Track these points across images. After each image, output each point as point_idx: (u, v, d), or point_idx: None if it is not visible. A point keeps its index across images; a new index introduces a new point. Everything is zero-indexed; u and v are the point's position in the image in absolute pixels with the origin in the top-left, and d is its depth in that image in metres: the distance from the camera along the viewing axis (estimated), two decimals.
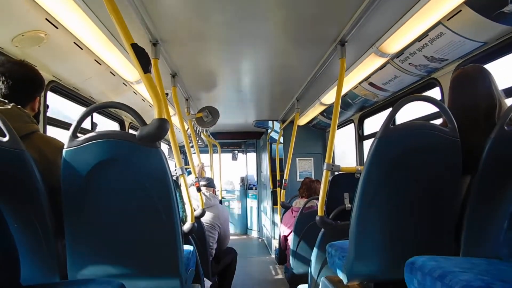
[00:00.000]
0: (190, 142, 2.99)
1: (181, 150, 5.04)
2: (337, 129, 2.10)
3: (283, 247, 3.01)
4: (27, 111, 1.18)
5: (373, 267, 1.29)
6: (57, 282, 1.07)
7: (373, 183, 1.22)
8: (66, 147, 1.09)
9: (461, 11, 1.46)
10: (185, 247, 1.56)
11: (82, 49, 1.80)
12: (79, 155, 1.09)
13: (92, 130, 2.59)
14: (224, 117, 3.66)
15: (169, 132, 1.66)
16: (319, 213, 1.78)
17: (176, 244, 1.18)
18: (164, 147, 5.03)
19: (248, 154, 7.13)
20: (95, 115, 2.65)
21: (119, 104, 1.18)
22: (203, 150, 5.44)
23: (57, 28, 1.56)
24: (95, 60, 1.98)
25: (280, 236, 3.10)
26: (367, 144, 3.42)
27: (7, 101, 1.14)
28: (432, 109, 2.07)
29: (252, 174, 6.95)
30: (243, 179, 7.05)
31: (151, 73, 1.35)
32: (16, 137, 0.99)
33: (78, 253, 1.14)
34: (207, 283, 2.21)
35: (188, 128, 3.23)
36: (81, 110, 2.00)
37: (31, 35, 1.51)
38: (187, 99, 3.17)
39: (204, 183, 2.82)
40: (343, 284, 1.42)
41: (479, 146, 1.16)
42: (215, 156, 5.74)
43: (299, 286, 2.35)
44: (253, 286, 3.68)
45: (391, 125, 1.21)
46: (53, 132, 2.10)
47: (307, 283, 2.03)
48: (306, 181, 3.04)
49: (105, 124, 3.00)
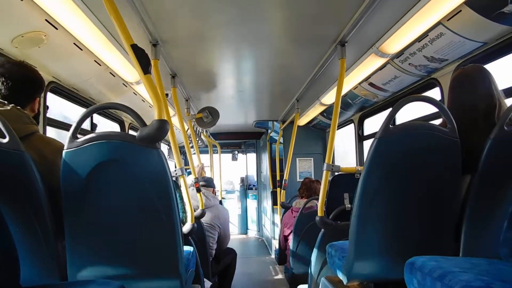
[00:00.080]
0: (190, 143, 2.99)
1: (181, 151, 5.04)
2: (337, 129, 2.10)
3: (283, 247, 3.01)
4: (26, 112, 1.18)
5: (373, 268, 1.29)
6: (57, 283, 1.07)
7: (373, 183, 1.22)
8: (66, 148, 1.09)
9: (461, 11, 1.46)
10: (185, 247, 1.56)
11: (82, 49, 1.80)
12: (79, 156, 1.09)
13: (92, 131, 2.59)
14: (224, 117, 3.66)
15: (169, 133, 1.66)
16: (319, 213, 1.78)
17: (176, 245, 1.17)
18: (164, 147, 5.03)
19: (248, 154, 7.13)
20: (95, 116, 2.65)
21: (119, 105, 1.17)
22: (203, 150, 5.44)
23: (56, 29, 1.56)
24: (95, 61, 1.98)
25: (280, 236, 3.10)
26: (367, 144, 3.42)
27: (6, 102, 1.14)
28: (432, 109, 2.07)
29: (252, 175, 6.95)
30: (243, 180, 7.05)
31: (151, 73, 1.35)
32: (16, 138, 0.99)
33: (78, 254, 1.14)
34: (207, 283, 2.21)
35: (188, 128, 3.23)
36: (81, 111, 2.01)
37: (31, 36, 1.51)
38: (187, 100, 3.17)
39: (204, 183, 2.82)
40: (343, 284, 1.42)
41: (479, 146, 1.16)
42: (215, 156, 5.74)
43: (299, 287, 2.35)
44: (253, 287, 3.67)
45: (391, 125, 1.21)
46: (52, 133, 2.10)
47: (307, 283, 2.03)
48: (306, 181, 3.05)
49: (105, 125, 3.00)
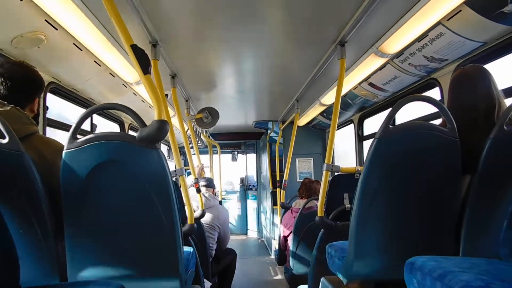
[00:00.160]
0: (189, 143, 2.99)
1: (181, 151, 5.04)
2: (337, 130, 2.10)
3: (283, 247, 3.01)
4: (26, 112, 1.18)
5: (373, 268, 1.29)
6: (57, 284, 1.07)
7: (373, 183, 1.22)
8: (65, 148, 1.09)
9: (461, 11, 1.46)
10: (185, 248, 1.56)
11: (81, 50, 1.80)
12: (78, 156, 1.09)
13: (92, 132, 2.59)
14: (224, 118, 3.66)
15: (168, 133, 1.66)
16: (319, 213, 1.78)
17: (176, 245, 1.17)
18: (164, 148, 5.03)
19: (248, 154, 7.13)
20: (94, 116, 2.65)
21: (119, 105, 1.17)
22: (203, 151, 5.44)
23: (56, 30, 1.55)
24: (95, 61, 1.98)
25: (280, 237, 3.10)
26: (367, 145, 3.42)
27: (6, 102, 1.14)
28: (432, 109, 2.07)
29: (252, 175, 6.94)
30: (243, 180, 7.05)
31: (150, 74, 1.35)
32: (16, 138, 0.99)
33: (78, 254, 1.14)
34: (207, 284, 2.20)
35: (188, 129, 3.23)
36: (80, 111, 2.00)
37: (30, 36, 1.51)
38: (186, 100, 3.17)
39: (203, 183, 2.82)
40: (343, 285, 1.42)
41: (479, 146, 1.16)
42: (215, 157, 5.74)
43: (299, 287, 2.35)
44: (253, 287, 3.67)
45: (390, 125, 1.21)
46: (52, 133, 2.09)
47: (307, 283, 2.03)
48: (306, 181, 3.04)
49: (104, 126, 3.00)
